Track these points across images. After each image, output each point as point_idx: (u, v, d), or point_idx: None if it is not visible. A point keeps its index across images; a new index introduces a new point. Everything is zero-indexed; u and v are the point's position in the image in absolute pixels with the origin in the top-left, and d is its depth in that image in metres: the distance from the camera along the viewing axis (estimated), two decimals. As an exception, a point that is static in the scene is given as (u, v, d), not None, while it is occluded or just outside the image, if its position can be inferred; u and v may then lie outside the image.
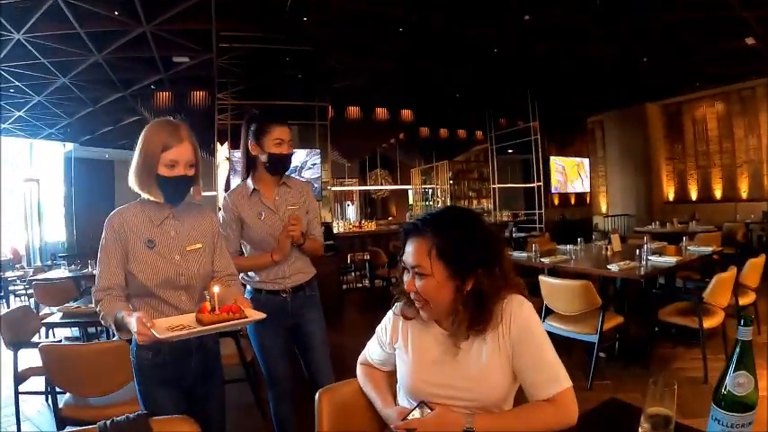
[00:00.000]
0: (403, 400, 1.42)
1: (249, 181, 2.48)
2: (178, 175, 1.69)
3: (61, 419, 2.53)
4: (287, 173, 2.53)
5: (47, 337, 4.75)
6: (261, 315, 1.58)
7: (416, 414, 1.26)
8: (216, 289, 1.55)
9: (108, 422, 1.30)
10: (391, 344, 1.47)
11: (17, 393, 3.31)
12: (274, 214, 2.41)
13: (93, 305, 1.73)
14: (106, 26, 5.98)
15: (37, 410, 3.73)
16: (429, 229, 1.30)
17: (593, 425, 1.26)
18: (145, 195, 1.72)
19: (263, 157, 2.38)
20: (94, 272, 2.12)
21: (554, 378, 1.26)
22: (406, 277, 1.35)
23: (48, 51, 6.52)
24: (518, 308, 1.32)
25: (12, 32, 5.85)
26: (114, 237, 1.70)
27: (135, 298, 1.74)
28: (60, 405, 2.56)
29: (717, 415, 0.99)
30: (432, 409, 1.26)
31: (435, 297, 1.30)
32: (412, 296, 1.33)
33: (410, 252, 1.32)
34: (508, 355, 1.30)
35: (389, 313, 1.50)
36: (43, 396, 3.73)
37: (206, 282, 1.82)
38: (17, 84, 7.72)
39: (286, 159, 2.43)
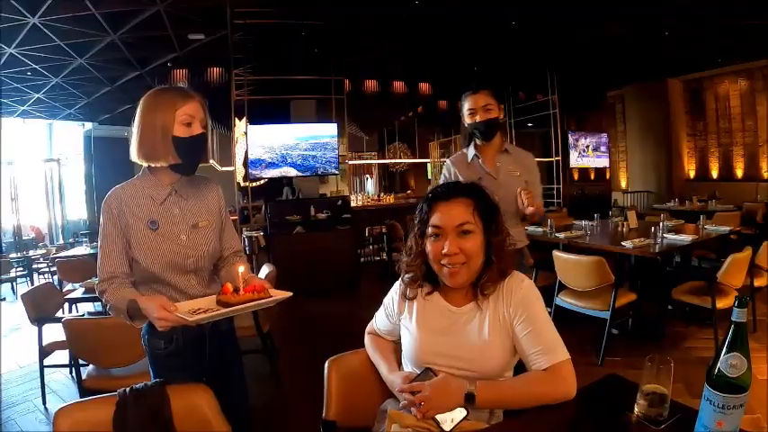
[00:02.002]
0: (407, 369, 1.46)
1: (470, 148, 2.68)
2: (196, 134, 1.59)
3: (84, 390, 2.63)
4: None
5: (70, 312, 4.91)
6: (286, 294, 1.53)
7: (421, 379, 1.30)
8: (241, 269, 1.52)
9: (127, 389, 1.36)
10: (398, 314, 1.52)
11: (42, 367, 3.44)
12: (494, 180, 2.56)
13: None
14: (121, 6, 5.98)
15: (62, 383, 3.87)
16: (463, 193, 1.40)
17: (589, 400, 1.28)
18: (159, 164, 1.60)
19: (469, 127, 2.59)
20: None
21: (551, 349, 1.30)
22: (433, 245, 1.38)
23: (63, 34, 6.54)
24: (518, 283, 1.39)
25: (27, 16, 5.89)
26: (113, 221, 1.58)
27: (141, 285, 1.62)
28: (83, 376, 2.66)
29: (709, 395, 1.00)
30: (436, 375, 1.30)
31: (476, 255, 1.36)
32: (447, 260, 1.36)
33: (449, 214, 1.37)
34: (507, 328, 1.36)
35: (396, 284, 1.55)
36: (67, 369, 3.87)
37: (214, 262, 1.75)
38: (34, 66, 7.78)
39: (482, 125, 2.56)
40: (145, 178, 1.65)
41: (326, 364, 1.55)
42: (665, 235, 4.20)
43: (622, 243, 4.01)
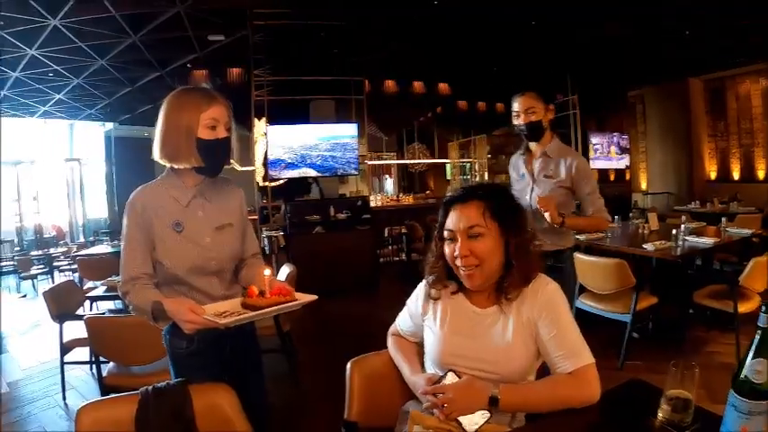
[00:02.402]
0: (430, 371, 1.45)
1: (522, 147, 2.80)
2: (220, 138, 1.58)
3: (105, 387, 2.66)
4: None
5: (90, 309, 4.97)
6: (312, 297, 1.52)
7: (446, 381, 1.30)
8: (267, 272, 1.51)
9: (149, 388, 1.37)
10: (421, 315, 1.51)
11: (63, 363, 3.49)
12: (531, 180, 2.67)
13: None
14: (141, 8, 6.05)
15: (82, 380, 3.92)
16: (477, 195, 1.38)
17: (612, 404, 1.26)
18: (181, 166, 1.58)
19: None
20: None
21: (576, 353, 1.29)
22: (449, 247, 1.39)
23: (84, 35, 6.63)
24: (544, 286, 1.38)
25: (48, 18, 5.97)
26: (137, 222, 1.57)
27: (163, 286, 1.62)
28: (104, 374, 2.69)
29: (734, 401, 0.98)
30: (459, 377, 1.29)
31: (489, 258, 1.34)
32: (460, 262, 1.35)
33: (460, 217, 1.37)
34: (532, 331, 1.35)
35: (420, 285, 1.54)
36: (88, 366, 3.91)
37: (236, 263, 1.75)
38: (56, 68, 7.89)
39: (525, 127, 2.63)
40: (169, 179, 1.64)
41: (349, 365, 1.55)
42: (686, 237, 4.11)
43: (643, 245, 3.96)
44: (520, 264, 1.35)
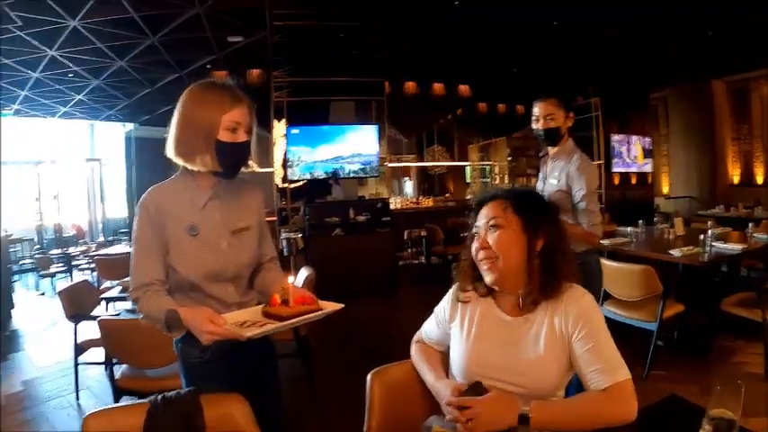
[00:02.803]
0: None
1: (549, 147, 2.84)
2: (240, 142, 1.48)
3: (118, 389, 2.62)
4: None
5: (106, 310, 4.97)
6: (337, 306, 1.46)
7: (471, 394, 1.22)
8: (291, 279, 1.46)
9: (159, 397, 1.31)
10: (448, 322, 1.46)
11: (77, 364, 3.47)
12: (541, 182, 2.83)
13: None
14: (160, 9, 6.05)
15: (96, 380, 3.90)
16: (502, 193, 1.39)
17: (651, 420, 1.21)
18: (196, 167, 1.47)
19: None
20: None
21: (612, 369, 1.22)
22: (475, 244, 1.37)
23: (103, 36, 6.66)
24: (579, 298, 1.32)
25: (67, 19, 5.99)
26: (150, 224, 1.48)
27: (176, 293, 1.53)
28: (117, 376, 2.65)
29: None
30: (487, 391, 1.21)
31: (508, 251, 1.31)
32: (481, 256, 1.34)
33: (483, 213, 1.37)
34: (565, 344, 1.28)
35: (450, 291, 1.50)
36: (102, 366, 3.90)
37: (253, 269, 1.66)
38: (75, 69, 7.95)
39: (543, 132, 2.72)
40: (184, 180, 1.54)
41: (369, 377, 1.47)
42: (713, 243, 4.00)
43: (670, 251, 3.84)
44: (545, 265, 1.32)
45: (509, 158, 12.03)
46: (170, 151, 1.50)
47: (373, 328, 4.86)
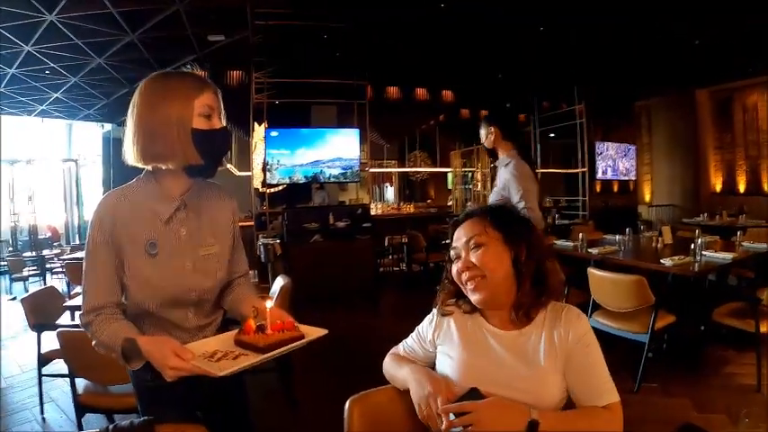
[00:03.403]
0: None
1: None
2: (218, 128, 1.31)
3: (80, 406, 2.44)
4: None
5: (72, 319, 4.76)
6: (321, 331, 1.28)
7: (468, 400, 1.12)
8: (269, 304, 1.28)
9: (111, 427, 1.16)
10: (433, 341, 1.37)
11: (41, 375, 3.28)
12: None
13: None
14: (140, 5, 5.88)
15: (63, 391, 3.70)
16: (478, 211, 1.36)
17: None
18: (171, 165, 1.28)
19: None
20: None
21: (608, 389, 1.22)
22: (455, 266, 1.32)
23: (81, 32, 6.47)
24: (576, 319, 1.28)
25: (44, 14, 5.81)
26: (105, 238, 1.28)
27: (128, 316, 1.34)
28: (80, 391, 2.47)
29: None
30: (484, 397, 1.13)
31: (495, 267, 1.26)
32: (465, 277, 1.29)
33: (463, 232, 1.33)
34: (562, 362, 1.24)
35: (433, 311, 1.43)
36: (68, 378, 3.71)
37: (221, 289, 1.48)
38: (52, 65, 7.74)
39: (487, 150, 3.53)
40: (148, 186, 1.35)
41: (348, 404, 1.31)
42: (703, 252, 3.94)
43: (661, 260, 3.76)
44: (533, 271, 1.29)
45: (491, 165, 12.04)
46: (135, 157, 1.30)
47: (355, 337, 4.66)
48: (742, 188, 10.94)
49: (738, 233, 4.79)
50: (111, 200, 1.32)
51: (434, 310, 1.42)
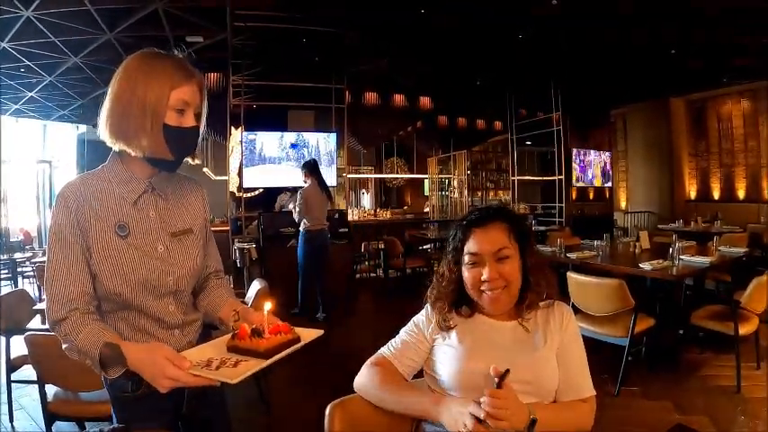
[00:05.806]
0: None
1: None
2: (186, 127, 1.23)
3: (49, 414, 2.35)
4: None
5: (42, 323, 4.62)
6: (317, 332, 1.25)
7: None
8: (267, 305, 1.19)
9: (80, 434, 1.10)
10: (431, 335, 1.39)
11: (9, 382, 3.16)
12: None
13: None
14: (118, 3, 5.80)
15: (34, 399, 3.56)
16: (500, 217, 1.36)
17: None
18: (136, 151, 1.20)
19: None
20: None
21: (588, 385, 1.31)
22: (471, 271, 1.32)
23: (58, 30, 6.35)
24: (568, 316, 1.39)
25: (21, 9, 5.68)
26: (71, 223, 1.18)
27: (104, 314, 1.24)
28: (50, 399, 2.38)
29: None
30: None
31: (515, 279, 1.32)
32: (487, 286, 1.29)
33: (486, 239, 1.32)
34: (556, 347, 1.32)
35: (425, 309, 1.44)
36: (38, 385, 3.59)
37: (196, 282, 1.39)
38: (28, 63, 7.58)
39: None
40: (114, 168, 1.27)
41: (329, 410, 1.27)
42: (681, 257, 4.02)
43: (640, 265, 3.81)
44: (537, 281, 1.35)
45: (468, 172, 12.14)
46: (105, 132, 1.23)
47: (332, 343, 4.60)
48: (717, 195, 11.14)
49: (715, 238, 4.89)
50: (75, 182, 1.25)
51: (426, 313, 1.42)
